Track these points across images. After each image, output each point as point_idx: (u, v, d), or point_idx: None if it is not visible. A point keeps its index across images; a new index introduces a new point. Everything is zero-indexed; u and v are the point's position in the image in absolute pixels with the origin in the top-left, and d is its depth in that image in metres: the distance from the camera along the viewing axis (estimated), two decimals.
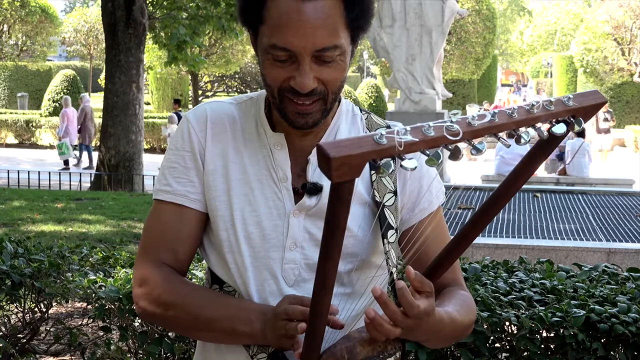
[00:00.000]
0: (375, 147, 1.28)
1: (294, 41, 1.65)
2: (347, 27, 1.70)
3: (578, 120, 1.45)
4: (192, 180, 1.84)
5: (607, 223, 7.87)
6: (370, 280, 1.85)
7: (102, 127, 15.84)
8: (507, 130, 1.41)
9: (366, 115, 1.96)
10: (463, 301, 1.81)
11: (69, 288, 3.93)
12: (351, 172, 1.29)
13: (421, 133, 1.32)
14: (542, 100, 1.42)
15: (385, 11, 13.00)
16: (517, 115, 1.39)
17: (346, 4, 1.68)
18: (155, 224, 1.87)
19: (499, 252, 6.32)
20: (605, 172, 19.04)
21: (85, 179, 16.16)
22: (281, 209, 1.80)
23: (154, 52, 30.17)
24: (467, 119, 1.36)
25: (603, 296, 3.42)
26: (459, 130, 1.34)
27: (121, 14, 14.91)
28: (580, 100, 1.46)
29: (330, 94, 1.73)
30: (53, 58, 51.47)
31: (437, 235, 1.89)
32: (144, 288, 1.82)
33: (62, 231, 9.85)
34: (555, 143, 1.49)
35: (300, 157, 1.83)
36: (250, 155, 1.83)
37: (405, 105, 13.06)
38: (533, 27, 70.81)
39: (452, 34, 30.37)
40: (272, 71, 1.71)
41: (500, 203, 1.57)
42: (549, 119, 1.43)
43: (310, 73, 1.67)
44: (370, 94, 32.93)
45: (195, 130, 1.85)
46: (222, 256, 1.83)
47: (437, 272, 1.67)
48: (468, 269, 3.83)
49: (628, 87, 36.89)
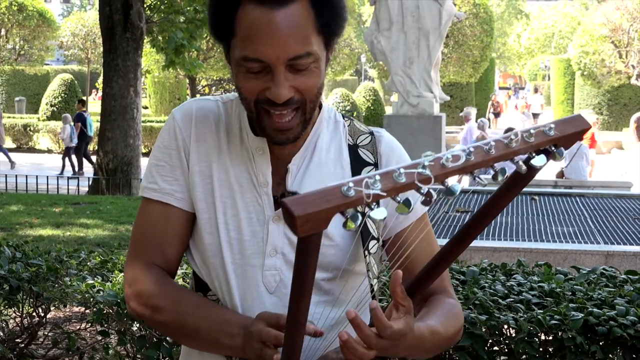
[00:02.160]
0: (342, 200, 1.26)
1: (266, 51, 1.63)
2: (319, 32, 1.68)
3: (559, 149, 1.41)
4: (177, 179, 1.83)
5: (605, 226, 7.87)
6: (352, 288, 1.84)
7: (99, 131, 15.84)
8: (484, 167, 1.37)
9: (349, 122, 1.93)
10: (448, 311, 1.80)
11: (67, 292, 3.93)
12: (317, 226, 1.27)
13: (392, 180, 1.30)
14: (521, 132, 1.38)
15: (382, 14, 13.02)
16: (495, 150, 1.35)
17: (316, 10, 1.66)
18: (144, 222, 1.86)
19: (497, 255, 6.32)
20: (603, 174, 19.04)
21: (83, 183, 16.14)
22: (260, 214, 1.79)
23: (152, 55, 30.17)
24: (441, 159, 1.33)
25: (601, 299, 3.42)
26: (430, 177, 1.31)
27: (119, 18, 14.91)
28: (562, 129, 1.42)
29: (308, 103, 1.70)
30: (51, 62, 51.39)
31: (423, 241, 1.87)
32: (134, 289, 1.82)
33: (60, 235, 9.85)
34: (532, 175, 1.45)
35: (279, 166, 1.81)
36: (232, 157, 1.82)
37: (403, 108, 13.06)
38: (530, 30, 70.83)
39: (449, 37, 30.38)
40: (246, 83, 1.69)
41: (473, 234, 1.56)
42: (529, 150, 1.39)
43: (285, 83, 1.65)
44: (368, 97, 32.92)
45: (181, 128, 1.84)
46: (206, 261, 1.82)
47: (423, 284, 1.66)
48: (466, 272, 3.83)
49: (625, 90, 36.92)
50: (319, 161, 1.83)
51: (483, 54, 33.40)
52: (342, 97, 30.10)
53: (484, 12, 33.47)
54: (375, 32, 13.13)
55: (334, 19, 1.70)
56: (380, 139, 1.92)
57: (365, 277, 1.84)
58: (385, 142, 1.92)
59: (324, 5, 1.67)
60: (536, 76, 63.40)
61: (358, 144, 1.89)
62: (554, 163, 1.50)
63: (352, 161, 1.86)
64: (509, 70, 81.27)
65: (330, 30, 1.70)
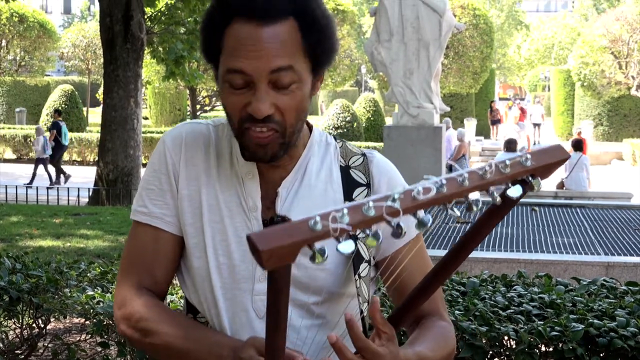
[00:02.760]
0: (309, 234, 1.25)
1: (249, 63, 1.65)
2: (305, 55, 1.69)
3: (536, 180, 1.39)
4: (167, 203, 1.84)
5: (605, 237, 7.87)
6: (343, 311, 1.81)
7: (100, 142, 15.85)
8: (457, 199, 1.36)
9: (341, 144, 1.92)
10: (440, 334, 1.79)
11: (67, 304, 3.93)
12: (284, 260, 1.27)
13: (360, 213, 1.29)
14: (496, 163, 1.36)
15: (382, 25, 13.03)
16: (469, 182, 1.34)
17: (303, 32, 1.68)
18: (134, 245, 1.87)
19: (497, 266, 6.32)
20: (604, 185, 19.05)
21: (83, 194, 16.14)
22: None
23: (152, 66, 30.23)
24: (412, 191, 1.32)
25: (602, 310, 3.42)
26: (399, 210, 1.30)
27: (119, 29, 14.94)
28: (539, 159, 1.40)
29: (288, 127, 1.70)
30: (51, 73, 51.51)
31: (418, 262, 1.86)
32: (124, 311, 1.82)
33: (60, 246, 9.85)
34: (508, 207, 1.43)
35: (269, 189, 1.81)
36: (222, 181, 1.82)
37: (403, 119, 13.05)
38: (530, 41, 70.92)
39: (449, 48, 30.41)
40: (229, 99, 1.70)
41: (449, 270, 1.55)
42: (505, 181, 1.37)
43: (267, 98, 1.65)
44: (368, 108, 32.95)
45: (171, 152, 1.84)
46: (196, 285, 1.83)
47: (412, 307, 1.65)
48: (467, 283, 3.83)
49: (625, 101, 36.97)
50: (309, 184, 1.83)
51: (483, 64, 33.45)
52: (343, 108, 30.13)
53: (484, 23, 33.53)
54: (376, 43, 13.14)
55: (320, 43, 1.71)
56: (372, 159, 1.91)
57: (353, 299, 1.83)
58: (377, 163, 1.91)
59: (311, 28, 1.69)
60: (536, 87, 63.48)
61: (350, 165, 1.89)
62: (554, 174, 1.49)
63: (344, 182, 1.86)
64: (509, 81, 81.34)
65: (316, 54, 1.71)
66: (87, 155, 28.21)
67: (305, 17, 1.69)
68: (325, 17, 1.73)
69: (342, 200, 1.83)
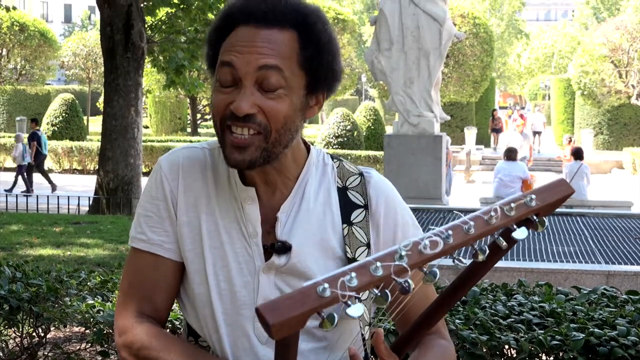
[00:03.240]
0: (318, 301, 1.26)
1: (238, 57, 1.68)
2: (300, 66, 1.71)
3: (541, 219, 1.40)
4: (166, 230, 1.83)
5: (605, 245, 7.87)
6: (349, 332, 1.83)
7: (100, 151, 15.85)
8: (464, 247, 1.36)
9: (338, 164, 1.91)
10: (440, 354, 1.80)
11: (67, 312, 3.92)
12: (293, 328, 1.27)
13: (369, 274, 1.29)
14: (500, 207, 1.36)
15: (382, 34, 13.05)
16: (475, 230, 1.34)
17: (301, 44, 1.70)
18: (133, 272, 1.86)
19: (497, 275, 6.31)
20: (604, 194, 19.05)
21: (83, 202, 16.14)
22: (251, 265, 1.78)
23: (153, 75, 30.26)
24: (419, 245, 1.32)
25: (602, 319, 3.41)
26: (407, 269, 1.30)
27: (120, 37, 14.96)
28: (544, 197, 1.40)
29: (273, 132, 1.69)
30: (52, 82, 51.55)
31: (422, 289, 1.84)
32: (124, 339, 1.81)
33: (60, 255, 9.84)
34: (509, 248, 1.43)
35: (269, 214, 1.81)
36: (221, 206, 1.82)
37: (403, 128, 13.07)
38: (530, 49, 70.97)
39: (449, 57, 30.45)
40: (216, 98, 1.72)
41: (454, 298, 1.56)
42: (510, 224, 1.38)
43: (250, 97, 1.67)
44: (368, 117, 32.96)
45: (168, 179, 1.84)
46: (197, 310, 1.82)
47: (416, 335, 1.67)
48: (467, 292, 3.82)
49: (625, 109, 36.99)
50: (308, 208, 1.82)
51: (483, 73, 33.48)
52: (343, 116, 30.13)
53: (484, 32, 33.57)
54: (376, 52, 13.16)
55: (317, 58, 1.72)
56: (369, 179, 1.90)
57: (359, 321, 1.82)
58: (374, 183, 1.90)
59: (309, 41, 1.71)
60: (536, 96, 63.52)
61: (347, 186, 1.88)
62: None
63: (342, 205, 1.85)
64: (509, 89, 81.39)
65: (312, 69, 1.72)
66: (87, 164, 28.20)
67: (306, 30, 1.71)
68: (327, 35, 1.75)
69: (341, 224, 1.83)
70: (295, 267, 1.77)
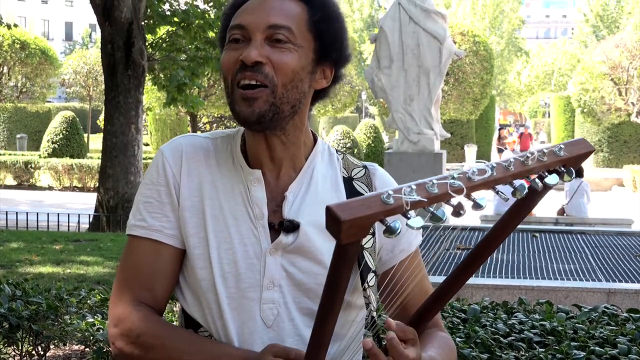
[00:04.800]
0: (383, 207, 1.28)
1: (248, 17, 1.74)
2: (309, 29, 1.76)
3: (569, 169, 1.47)
4: (167, 215, 1.81)
5: (606, 263, 7.86)
6: (351, 322, 1.83)
7: (100, 168, 15.86)
8: (503, 183, 1.42)
9: (342, 156, 1.94)
10: (444, 343, 1.82)
11: (67, 331, 3.92)
12: (359, 233, 1.29)
13: (426, 191, 1.32)
14: (535, 152, 1.44)
15: (383, 52, 13.08)
16: (514, 167, 1.41)
17: (310, 11, 1.77)
18: (131, 260, 1.83)
19: (498, 293, 6.30)
20: (604, 211, 19.04)
21: (83, 220, 16.13)
22: (257, 247, 1.77)
23: (153, 93, 30.29)
24: (467, 173, 1.37)
25: (603, 337, 3.41)
26: (462, 187, 1.34)
27: (120, 55, 14.99)
28: (570, 150, 1.47)
29: (280, 86, 1.72)
30: (52, 99, 51.64)
31: (417, 276, 1.88)
32: (121, 327, 1.77)
33: (61, 273, 9.83)
34: (543, 193, 1.50)
35: (275, 193, 1.81)
36: (225, 190, 1.81)
37: (403, 145, 13.08)
38: (530, 67, 71.15)
39: (449, 75, 30.50)
40: (226, 56, 1.76)
41: (492, 246, 1.59)
42: (542, 169, 1.45)
43: (259, 48, 1.71)
44: (368, 135, 33.00)
45: (170, 164, 1.83)
46: (199, 297, 1.79)
47: (423, 320, 1.68)
48: (467, 310, 3.82)
49: (625, 127, 37.02)
50: (316, 190, 1.83)
51: (483, 91, 33.52)
52: (343, 134, 30.18)
53: (484, 50, 33.63)
54: (376, 70, 13.19)
55: (325, 22, 1.77)
56: (374, 172, 1.93)
57: (362, 310, 1.84)
58: (380, 175, 1.93)
59: (317, 6, 1.78)
60: (536, 113, 63.65)
61: (353, 176, 1.90)
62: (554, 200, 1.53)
63: (348, 194, 1.86)
64: (509, 107, 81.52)
65: (321, 33, 1.77)
66: (87, 181, 28.18)
67: (315, 2, 1.78)
68: (335, 6, 1.82)
69: None
70: (302, 245, 1.77)
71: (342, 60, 1.83)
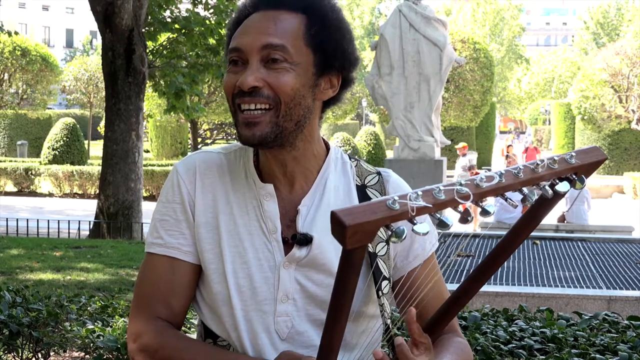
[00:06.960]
0: (389, 212, 1.29)
1: (244, 39, 1.74)
2: (307, 44, 1.74)
3: (580, 177, 1.46)
4: (183, 232, 1.83)
5: (607, 270, 7.85)
6: (364, 331, 1.84)
7: (101, 175, 15.84)
8: (512, 190, 1.42)
9: (355, 163, 1.94)
10: (460, 349, 1.81)
11: (67, 338, 3.91)
12: (364, 239, 1.30)
13: (432, 197, 1.33)
14: (546, 159, 1.43)
15: (383, 59, 13.10)
16: (523, 175, 1.41)
17: (307, 22, 1.75)
18: (149, 277, 1.85)
19: (498, 300, 6.30)
20: (605, 219, 19.03)
21: (84, 227, 16.13)
22: (271, 260, 1.79)
23: (154, 100, 30.32)
24: (475, 180, 1.37)
25: (604, 345, 3.40)
26: (469, 193, 1.35)
27: (121, 62, 15.00)
28: (582, 158, 1.47)
29: (283, 104, 1.72)
30: (53, 106, 51.69)
31: (432, 281, 1.88)
32: (140, 343, 1.80)
33: (61, 279, 9.82)
34: (555, 201, 1.50)
35: (288, 206, 1.82)
36: (239, 205, 1.82)
37: (404, 152, 13.10)
38: (530, 74, 71.17)
39: (450, 82, 30.54)
40: (227, 80, 1.76)
41: (506, 253, 1.58)
42: (553, 177, 1.44)
43: (255, 72, 1.71)
44: (369, 142, 33.02)
45: (185, 181, 1.84)
46: (216, 310, 1.81)
47: (438, 326, 1.68)
48: (468, 318, 3.82)
49: (626, 134, 37.03)
50: (329, 202, 1.83)
51: (484, 98, 33.54)
52: (343, 141, 30.20)
53: (484, 57, 33.66)
54: (376, 77, 13.21)
55: (324, 34, 1.76)
56: (387, 178, 1.93)
57: (376, 319, 1.84)
58: (393, 182, 1.93)
59: (315, 17, 1.76)
60: (537, 120, 63.62)
61: (366, 184, 1.90)
62: (555, 207, 1.53)
63: (361, 202, 1.84)
64: (509, 114, 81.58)
65: (320, 46, 1.75)
66: (88, 188, 28.19)
67: (313, 11, 1.76)
68: (335, 14, 1.79)
69: None
70: (316, 258, 1.78)
71: (349, 66, 1.83)
